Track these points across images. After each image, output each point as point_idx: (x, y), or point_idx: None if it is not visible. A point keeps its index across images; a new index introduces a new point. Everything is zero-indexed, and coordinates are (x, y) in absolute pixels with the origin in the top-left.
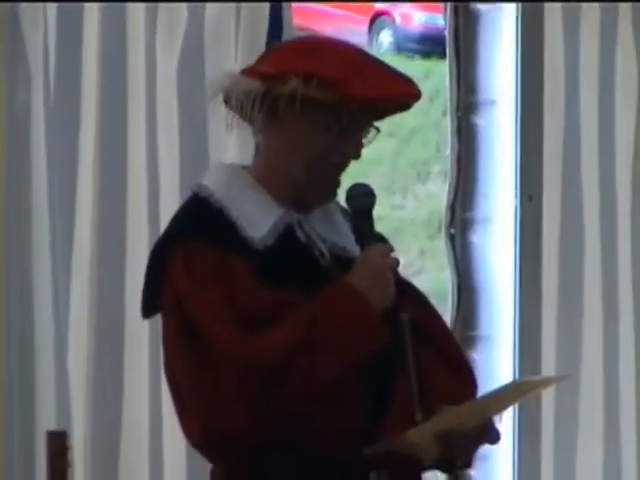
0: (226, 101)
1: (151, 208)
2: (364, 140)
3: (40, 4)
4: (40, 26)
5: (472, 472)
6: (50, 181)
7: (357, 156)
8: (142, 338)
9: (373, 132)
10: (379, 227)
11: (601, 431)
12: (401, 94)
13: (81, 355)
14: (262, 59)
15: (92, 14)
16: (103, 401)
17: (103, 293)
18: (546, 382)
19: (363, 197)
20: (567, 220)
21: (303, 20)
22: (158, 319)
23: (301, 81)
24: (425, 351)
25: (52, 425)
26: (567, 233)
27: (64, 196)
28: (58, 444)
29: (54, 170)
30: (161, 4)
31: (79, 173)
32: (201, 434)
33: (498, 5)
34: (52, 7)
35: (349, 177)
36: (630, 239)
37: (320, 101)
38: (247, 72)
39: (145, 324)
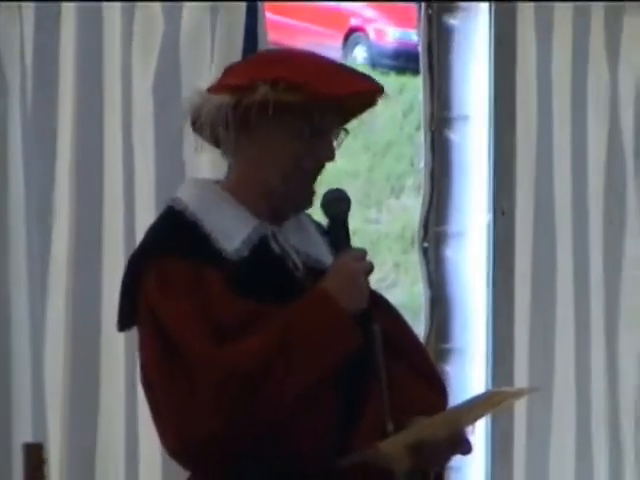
0: (194, 123)
1: (127, 221)
2: (335, 143)
3: (17, 16)
4: (16, 37)
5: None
6: (27, 194)
7: (331, 158)
8: (118, 351)
9: (343, 134)
10: (354, 240)
11: (573, 443)
12: (365, 89)
13: (57, 368)
14: (227, 74)
15: (68, 23)
16: (79, 414)
17: (79, 306)
18: (519, 394)
19: (338, 202)
20: (539, 234)
21: (277, 35)
22: (134, 332)
23: (269, 87)
24: (397, 363)
25: (29, 438)
26: (539, 247)
27: (41, 209)
28: (35, 456)
29: (30, 183)
30: (137, 15)
31: (55, 186)
32: (177, 442)
33: (471, 21)
34: (29, 17)
35: (324, 189)
36: (602, 253)
37: (290, 105)
38: (215, 88)
39: (121, 337)
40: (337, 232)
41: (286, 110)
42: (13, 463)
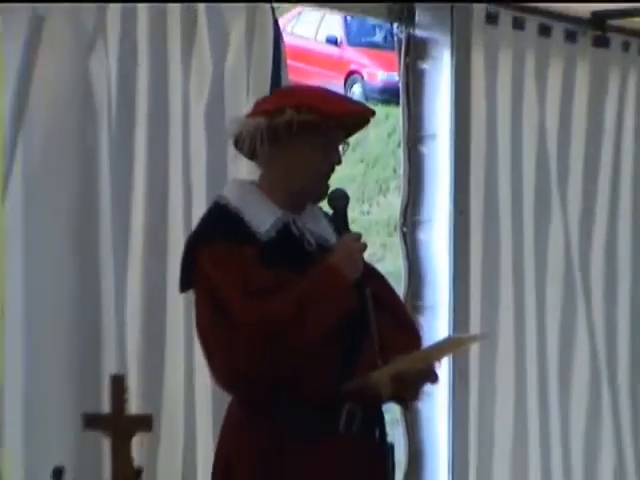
0: (235, 141)
1: (185, 213)
2: (341, 151)
3: (104, 54)
4: (104, 71)
5: (419, 404)
6: (112, 194)
7: (339, 163)
8: (179, 306)
9: (345, 146)
10: (352, 226)
11: (512, 374)
12: (360, 111)
13: (135, 321)
14: (260, 103)
15: (143, 61)
16: (150, 353)
17: (151, 275)
18: (473, 338)
19: (341, 198)
20: (487, 221)
21: (294, 77)
22: (190, 294)
23: (294, 111)
24: (384, 316)
25: (113, 370)
26: (487, 231)
27: (123, 204)
28: (118, 386)
29: (114, 185)
30: (194, 58)
31: (133, 187)
32: (222, 376)
33: (437, 66)
34: (114, 55)
35: (331, 190)
36: (533, 235)
37: (309, 124)
38: (252, 114)
39: (181, 297)
40: (339, 220)
41: (306, 128)
42: (102, 392)
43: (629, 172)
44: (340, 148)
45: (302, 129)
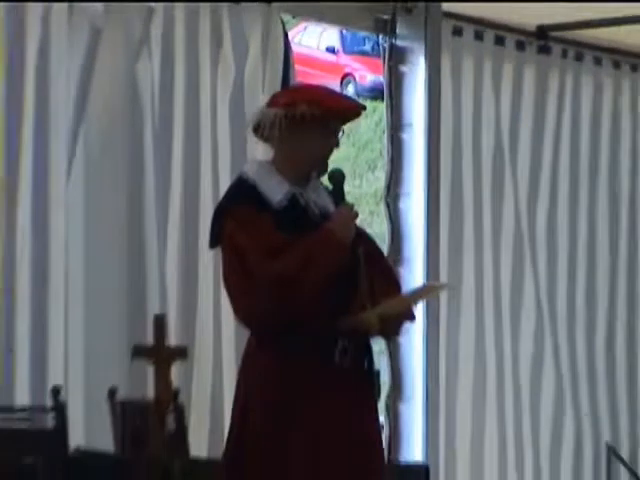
0: (255, 127)
1: (214, 185)
2: (338, 137)
3: (147, 60)
4: (148, 75)
5: (400, 339)
6: (155, 177)
7: (337, 146)
8: (209, 262)
9: (341, 132)
10: (347, 198)
11: (473, 315)
12: (354, 106)
13: (174, 272)
14: (276, 97)
15: (180, 66)
16: (186, 297)
17: (187, 234)
18: (442, 286)
19: (338, 175)
20: (454, 197)
21: (299, 79)
22: (217, 251)
23: (306, 104)
24: (372, 269)
25: (156, 311)
26: (453, 204)
27: (164, 183)
28: (161, 324)
29: (157, 170)
30: (220, 64)
31: (172, 170)
32: (244, 316)
33: (414, 68)
34: (157, 60)
35: (330, 166)
36: (490, 208)
37: (315, 115)
38: (271, 104)
39: (211, 253)
40: (337, 193)
41: (313, 118)
42: (147, 328)
43: (567, 156)
44: (338, 134)
45: (311, 119)
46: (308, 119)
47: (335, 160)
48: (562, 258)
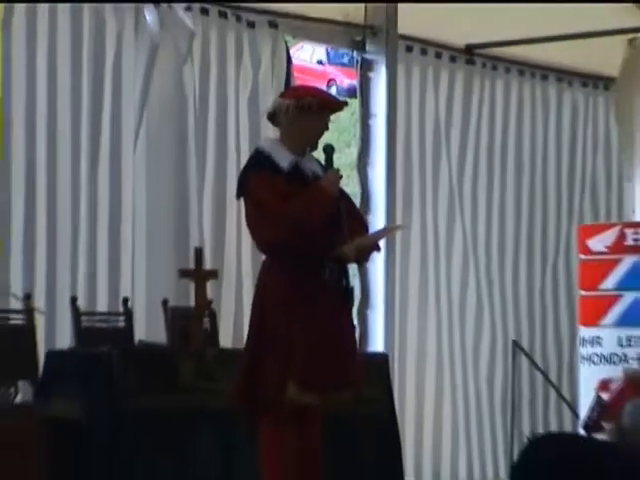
0: (269, 117)
1: (237, 157)
2: (328, 123)
3: (189, 59)
4: (190, 73)
5: (368, 264)
6: (197, 156)
7: (327, 129)
8: (234, 208)
9: (330, 119)
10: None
11: (419, 247)
12: (341, 102)
13: (209, 216)
14: (286, 92)
15: (213, 66)
16: (217, 234)
17: (219, 194)
18: (398, 227)
19: (329, 149)
20: (406, 165)
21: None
22: (240, 202)
23: (311, 97)
24: (350, 216)
25: (196, 244)
26: (406, 170)
27: (201, 157)
28: (199, 253)
29: (198, 145)
30: (241, 67)
31: (207, 147)
32: (263, 245)
33: (379, 74)
34: (197, 60)
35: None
36: (430, 170)
37: (315, 106)
38: (284, 96)
39: (236, 202)
40: (328, 161)
41: (314, 108)
42: (189, 256)
43: (485, 137)
44: (328, 122)
45: (313, 108)
46: (311, 109)
47: (323, 140)
48: (481, 210)
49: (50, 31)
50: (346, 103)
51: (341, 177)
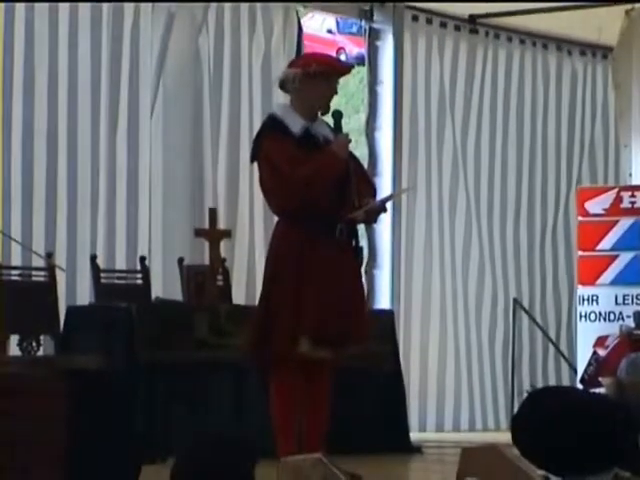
0: (280, 85)
1: (250, 124)
2: (336, 87)
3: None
4: (206, 44)
5: (376, 225)
6: (212, 114)
7: (336, 93)
8: (247, 170)
9: (338, 83)
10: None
11: (424, 206)
12: (347, 65)
13: (222, 179)
14: (294, 61)
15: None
16: (230, 196)
17: (231, 154)
18: (405, 190)
19: (338, 114)
20: (413, 128)
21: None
22: (253, 166)
23: (317, 64)
24: (359, 179)
25: (210, 205)
26: (412, 133)
27: (215, 121)
28: (213, 214)
29: (213, 110)
30: (253, 45)
31: (222, 110)
32: (275, 206)
33: (386, 42)
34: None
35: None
36: (435, 136)
37: (323, 72)
38: (291, 66)
39: (247, 167)
40: (337, 126)
41: (322, 74)
42: (204, 216)
43: (488, 100)
44: (336, 86)
45: (320, 74)
46: (317, 75)
47: (333, 105)
48: (484, 173)
49: (71, 4)
50: (353, 66)
51: (350, 141)
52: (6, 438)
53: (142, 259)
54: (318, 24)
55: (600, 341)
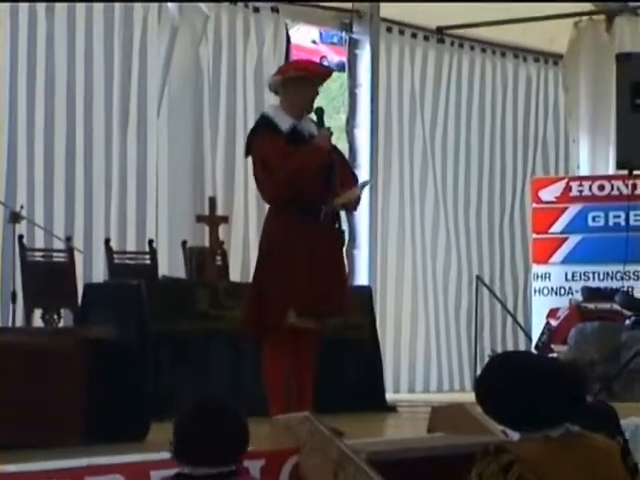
0: (270, 90)
1: (246, 123)
2: (318, 90)
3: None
4: (206, 51)
5: (355, 211)
6: (211, 113)
7: (317, 95)
8: (242, 162)
9: (319, 86)
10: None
11: (397, 190)
12: (328, 70)
13: (221, 170)
14: (279, 69)
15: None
16: (228, 185)
17: (229, 147)
18: (367, 182)
19: (321, 110)
20: (387, 124)
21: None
22: (248, 160)
23: (293, 71)
24: (341, 170)
25: (211, 194)
26: (386, 128)
27: (214, 117)
28: (213, 202)
29: (212, 109)
30: (248, 45)
31: (220, 111)
32: (266, 195)
33: (364, 51)
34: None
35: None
36: (397, 131)
37: (306, 77)
38: (277, 74)
39: (242, 161)
40: (320, 121)
41: (305, 79)
42: (205, 204)
43: (453, 100)
44: (318, 89)
45: (299, 79)
46: (296, 81)
47: (316, 105)
48: (450, 165)
49: (87, 17)
50: (330, 69)
51: (332, 134)
52: (37, 397)
53: (150, 242)
54: (303, 35)
55: (552, 313)
